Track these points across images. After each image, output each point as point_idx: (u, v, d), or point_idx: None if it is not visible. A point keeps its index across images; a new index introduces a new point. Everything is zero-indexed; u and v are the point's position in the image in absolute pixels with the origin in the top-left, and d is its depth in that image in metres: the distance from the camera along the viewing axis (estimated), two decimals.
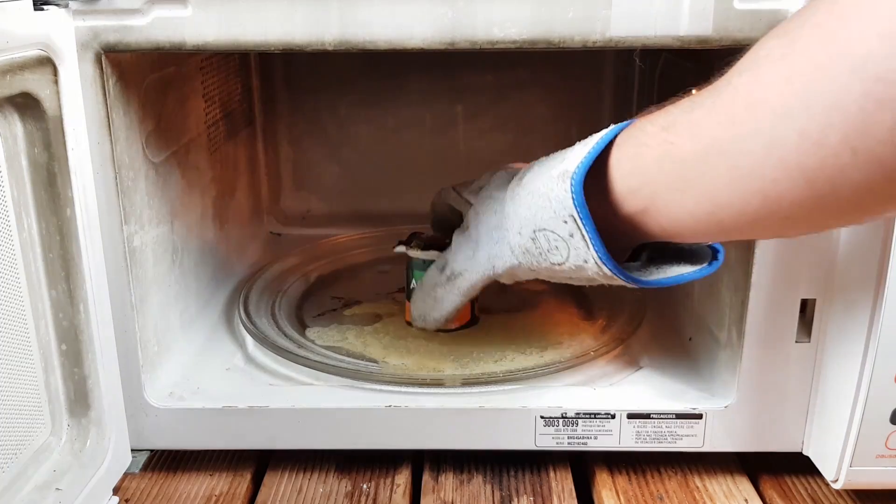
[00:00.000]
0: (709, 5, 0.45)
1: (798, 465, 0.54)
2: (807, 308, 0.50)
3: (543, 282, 0.49)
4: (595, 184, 0.41)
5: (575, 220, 0.42)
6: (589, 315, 0.68)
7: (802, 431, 0.53)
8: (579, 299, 0.71)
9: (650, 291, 0.69)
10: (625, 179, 0.41)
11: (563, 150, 0.45)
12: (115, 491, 0.51)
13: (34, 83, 0.41)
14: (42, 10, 0.42)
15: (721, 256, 0.45)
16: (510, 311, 0.69)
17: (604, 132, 0.42)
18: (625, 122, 0.42)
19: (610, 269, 0.42)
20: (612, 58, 0.86)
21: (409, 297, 0.61)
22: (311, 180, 0.92)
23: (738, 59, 0.36)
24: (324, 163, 0.91)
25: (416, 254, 0.60)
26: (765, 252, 0.49)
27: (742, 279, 0.51)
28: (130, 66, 0.51)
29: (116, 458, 0.50)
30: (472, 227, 0.51)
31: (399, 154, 0.90)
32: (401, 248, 0.61)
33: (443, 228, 0.60)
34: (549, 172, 0.43)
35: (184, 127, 0.64)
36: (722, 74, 0.37)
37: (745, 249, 0.51)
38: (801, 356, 0.51)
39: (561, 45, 0.46)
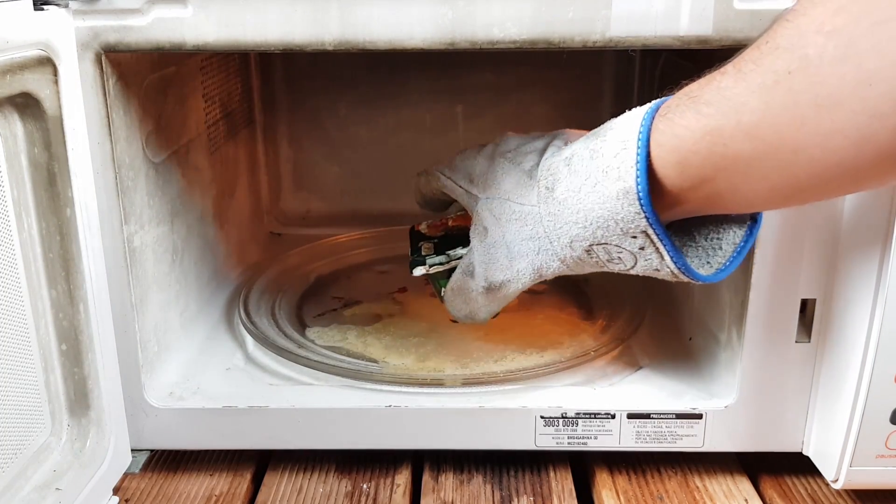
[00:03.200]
0: (709, 5, 0.45)
1: (798, 465, 0.54)
2: (807, 308, 0.50)
3: (544, 282, 0.49)
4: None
5: (648, 236, 0.40)
6: (589, 315, 0.68)
7: (802, 431, 0.53)
8: (579, 299, 0.71)
9: (650, 289, 0.69)
10: (676, 180, 0.39)
11: (590, 142, 0.42)
12: (115, 491, 0.51)
13: (34, 83, 0.41)
14: (42, 10, 0.42)
15: (761, 218, 0.43)
16: (510, 311, 0.68)
17: (630, 126, 0.40)
18: (649, 113, 0.40)
19: (687, 276, 0.41)
20: (612, 58, 0.86)
21: (442, 299, 0.56)
22: (311, 180, 0.92)
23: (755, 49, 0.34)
24: (324, 163, 0.91)
25: (437, 270, 0.56)
26: (765, 252, 0.49)
27: (742, 279, 0.51)
28: (130, 66, 0.51)
29: (116, 458, 0.50)
30: (495, 233, 0.48)
31: (399, 154, 0.90)
32: (420, 271, 0.56)
33: (433, 206, 0.59)
34: (599, 188, 0.41)
35: (184, 127, 0.64)
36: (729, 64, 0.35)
37: None
38: (801, 356, 0.51)
39: (561, 45, 0.46)
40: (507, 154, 0.49)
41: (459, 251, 0.54)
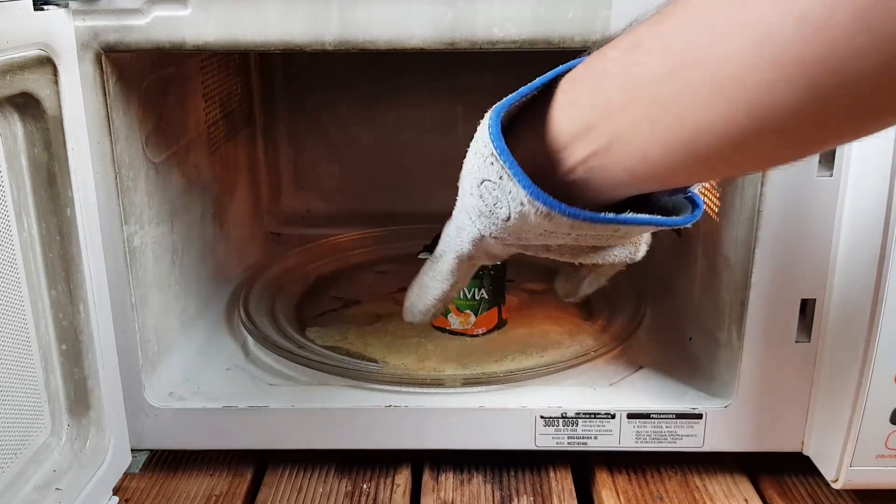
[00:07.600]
0: None
1: (798, 465, 0.54)
2: (807, 308, 0.50)
3: (543, 281, 0.49)
4: (540, 134, 0.37)
5: (495, 156, 0.37)
6: (589, 315, 0.68)
7: (802, 431, 0.53)
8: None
9: (650, 289, 0.69)
10: (582, 117, 0.36)
11: None
12: (115, 491, 0.51)
13: (34, 83, 0.41)
14: (42, 10, 0.42)
15: (699, 210, 0.39)
16: (510, 310, 0.69)
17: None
18: (574, 61, 0.38)
19: (546, 204, 0.36)
20: None
21: None
22: (311, 180, 0.92)
23: None
24: (324, 163, 0.91)
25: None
26: (765, 252, 0.49)
27: (742, 279, 0.51)
28: (130, 66, 0.51)
29: (116, 458, 0.50)
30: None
31: (399, 154, 0.90)
32: (424, 255, 0.55)
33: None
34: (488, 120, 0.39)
35: (184, 127, 0.64)
36: None
37: (746, 249, 0.51)
38: (801, 356, 0.51)
39: (561, 45, 0.46)
40: None
41: None
